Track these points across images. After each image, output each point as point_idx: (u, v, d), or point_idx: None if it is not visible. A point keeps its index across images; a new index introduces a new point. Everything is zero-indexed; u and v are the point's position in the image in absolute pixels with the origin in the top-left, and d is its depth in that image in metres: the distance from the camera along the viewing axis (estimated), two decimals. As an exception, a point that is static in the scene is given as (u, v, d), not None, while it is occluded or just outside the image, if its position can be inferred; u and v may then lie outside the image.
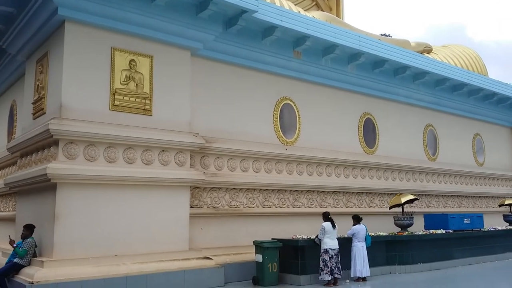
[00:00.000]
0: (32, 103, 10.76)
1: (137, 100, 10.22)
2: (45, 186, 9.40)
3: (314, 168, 13.78)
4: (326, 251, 10.45)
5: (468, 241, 14.41)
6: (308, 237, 11.14)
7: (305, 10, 18.35)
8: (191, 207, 10.93)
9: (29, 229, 9.39)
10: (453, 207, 18.22)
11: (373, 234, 12.28)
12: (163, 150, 10.44)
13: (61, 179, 8.99)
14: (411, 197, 14.13)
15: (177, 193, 10.52)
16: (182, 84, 11.02)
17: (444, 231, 13.76)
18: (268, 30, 12.30)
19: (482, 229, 15.24)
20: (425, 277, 11.95)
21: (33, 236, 9.36)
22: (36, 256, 9.29)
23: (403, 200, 13.90)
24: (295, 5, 17.68)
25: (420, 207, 16.48)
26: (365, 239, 11.29)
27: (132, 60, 10.26)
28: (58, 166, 8.95)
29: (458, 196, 18.68)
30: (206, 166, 11.52)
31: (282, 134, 13.24)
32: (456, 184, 18.67)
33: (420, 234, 13.20)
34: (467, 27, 64.23)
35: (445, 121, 18.62)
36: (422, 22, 64.94)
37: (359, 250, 11.12)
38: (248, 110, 12.58)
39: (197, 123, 11.38)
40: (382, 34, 22.02)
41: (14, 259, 9.09)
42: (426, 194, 17.15)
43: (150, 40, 10.56)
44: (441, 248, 13.47)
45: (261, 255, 10.42)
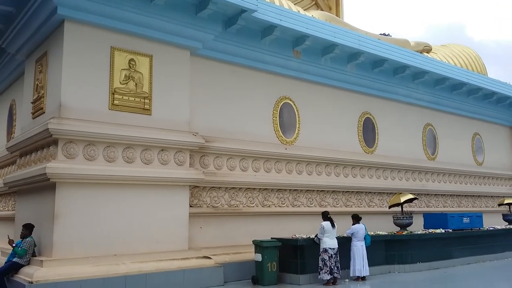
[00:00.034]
0: (31, 103, 10.75)
1: (136, 99, 10.22)
2: (44, 186, 9.40)
3: (313, 167, 13.79)
4: (325, 251, 10.45)
5: (467, 240, 14.41)
6: (307, 236, 11.14)
7: (304, 10, 18.33)
8: (191, 207, 10.94)
9: (28, 228, 9.39)
10: (452, 207, 18.24)
11: (372, 233, 12.29)
12: (163, 150, 10.44)
13: (60, 179, 9.00)
14: (411, 196, 14.14)
15: (176, 192, 10.52)
16: (182, 83, 11.02)
17: (443, 231, 13.76)
18: (267, 29, 12.30)
19: (481, 228, 15.25)
20: (424, 276, 11.96)
21: (32, 235, 9.37)
22: (35, 255, 9.29)
23: (403, 199, 13.90)
24: (295, 4, 17.66)
25: (419, 207, 16.49)
26: (364, 239, 11.29)
27: (131, 59, 10.26)
28: (57, 165, 8.95)
29: (457, 195, 18.70)
30: (206, 165, 11.53)
31: (281, 134, 13.24)
32: (455, 183, 18.68)
33: (419, 233, 13.20)
34: (467, 27, 64.32)
35: (444, 120, 18.63)
36: (421, 21, 65.03)
37: (359, 250, 11.13)
38: (247, 109, 12.58)
39: (196, 123, 11.39)
40: (381, 34, 22.04)
41: (14, 259, 9.10)
42: (425, 194, 17.17)
43: (149, 39, 10.56)
44: (440, 247, 13.48)
45: (260, 255, 10.42)
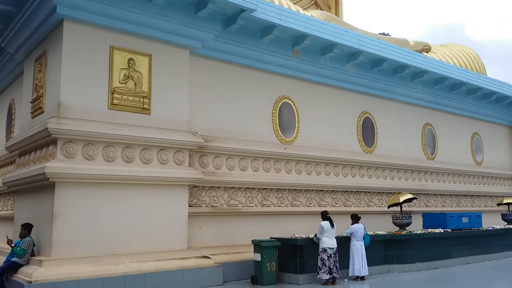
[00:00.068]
0: (30, 102, 10.74)
1: (135, 99, 10.21)
2: (43, 185, 9.39)
3: (312, 167, 13.79)
4: (324, 250, 10.46)
5: (466, 240, 14.43)
6: (306, 236, 11.14)
7: (304, 9, 18.33)
8: (190, 206, 10.93)
9: (27, 228, 9.39)
10: (451, 206, 18.25)
11: (371, 233, 12.30)
12: (162, 149, 10.44)
13: (59, 178, 8.99)
14: (410, 196, 14.15)
15: (175, 192, 10.52)
16: (181, 83, 11.01)
17: (442, 230, 13.77)
18: (267, 29, 12.30)
19: (480, 228, 15.27)
20: (423, 276, 11.97)
21: (31, 235, 9.36)
22: (34, 255, 9.28)
23: (402, 199, 13.91)
24: (294, 4, 17.65)
25: (418, 206, 16.50)
26: (363, 238, 11.30)
27: (130, 59, 10.24)
28: (56, 165, 8.94)
29: (456, 195, 18.71)
30: (205, 165, 11.52)
31: (281, 133, 13.24)
32: (454, 183, 18.69)
33: (418, 233, 13.21)
34: (466, 26, 64.28)
35: (443, 120, 18.63)
36: (421, 21, 64.99)
37: (358, 249, 11.14)
38: (247, 109, 12.57)
39: (195, 122, 11.38)
40: (381, 33, 22.01)
41: (13, 258, 9.09)
42: (424, 193, 17.17)
43: (148, 39, 10.55)
44: (439, 247, 13.49)
45: (259, 254, 10.42)
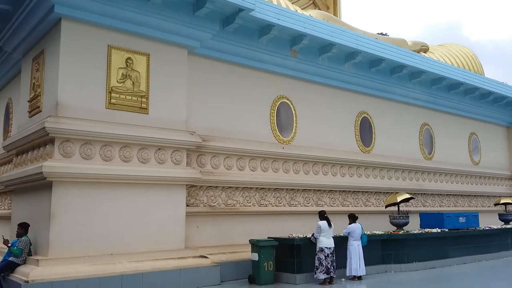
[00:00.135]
0: (28, 101, 10.72)
1: (133, 98, 10.20)
2: (41, 185, 9.38)
3: (310, 167, 13.80)
4: (321, 250, 10.47)
5: (463, 240, 14.46)
6: (304, 235, 11.15)
7: (302, 9, 18.35)
8: (188, 206, 10.93)
9: (23, 227, 9.37)
10: (448, 206, 18.29)
11: (368, 233, 12.32)
12: (160, 149, 10.43)
13: (57, 178, 8.97)
14: (407, 196, 14.18)
15: (173, 191, 10.51)
16: (179, 82, 11.00)
17: (439, 230, 13.79)
18: (265, 28, 12.29)
19: (477, 228, 15.29)
20: (420, 276, 11.99)
21: (28, 234, 9.34)
22: (31, 254, 9.27)
23: (399, 199, 13.94)
24: (292, 3, 17.66)
25: (415, 206, 16.52)
26: (360, 238, 11.32)
27: (128, 58, 10.23)
28: (54, 164, 8.93)
29: (453, 195, 18.75)
30: (203, 164, 11.52)
31: (278, 133, 13.24)
32: (451, 183, 18.73)
33: (415, 233, 13.23)
34: (464, 26, 64.39)
35: (441, 120, 18.67)
36: (419, 21, 65.08)
37: (355, 249, 11.15)
38: (245, 108, 12.57)
39: (193, 122, 11.38)
40: (379, 33, 22.08)
41: (9, 258, 9.07)
42: (422, 193, 17.20)
43: (146, 38, 10.53)
44: (436, 247, 13.52)
45: (257, 254, 10.43)
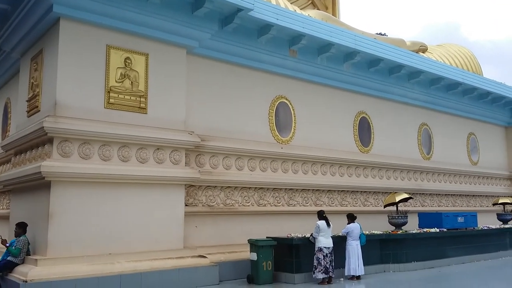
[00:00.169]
0: (26, 101, 10.70)
1: (132, 98, 10.20)
2: (39, 184, 9.37)
3: (309, 166, 13.81)
4: (320, 250, 10.48)
5: (462, 239, 14.48)
6: (302, 235, 11.15)
7: (301, 9, 18.37)
8: (186, 206, 10.94)
9: (21, 227, 9.37)
10: (447, 206, 18.31)
11: (367, 232, 12.33)
12: (158, 148, 10.43)
13: (55, 177, 8.97)
14: (406, 195, 14.19)
15: (172, 191, 10.51)
16: (178, 82, 11.00)
17: (438, 230, 13.81)
18: (264, 28, 12.30)
19: (475, 228, 15.32)
20: (419, 275, 12.00)
21: (26, 233, 9.34)
22: (29, 254, 9.27)
23: (398, 198, 13.95)
24: (291, 3, 17.67)
25: (414, 206, 16.53)
26: (359, 238, 11.33)
27: (127, 58, 10.23)
28: (52, 164, 8.93)
29: (452, 195, 18.77)
30: (201, 164, 11.52)
31: (277, 133, 13.25)
32: (450, 183, 18.75)
33: (414, 232, 13.25)
34: (463, 26, 64.46)
35: (439, 120, 18.69)
36: (417, 21, 65.13)
37: (354, 249, 11.16)
38: (243, 108, 12.58)
39: (192, 122, 11.38)
40: (377, 33, 22.09)
41: (8, 257, 9.07)
42: (420, 193, 17.22)
43: (145, 38, 10.53)
44: (435, 246, 13.53)
45: (255, 254, 10.43)
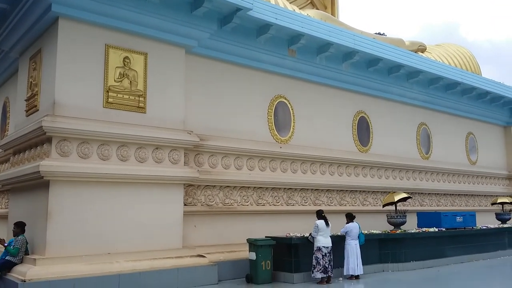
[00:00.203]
0: (25, 100, 10.69)
1: (131, 97, 10.19)
2: (38, 184, 9.36)
3: (308, 166, 13.81)
4: (319, 249, 10.48)
5: (460, 239, 14.50)
6: (301, 235, 11.15)
7: (300, 9, 18.37)
8: (185, 205, 10.93)
9: (19, 226, 9.36)
10: (446, 206, 18.33)
11: (366, 232, 12.34)
12: (157, 148, 10.42)
13: (54, 177, 8.96)
14: (404, 195, 14.19)
15: (170, 190, 10.51)
16: (177, 81, 11.00)
17: (436, 229, 13.82)
18: (263, 28, 12.30)
19: (474, 227, 15.34)
20: (418, 275, 12.02)
21: (24, 232, 9.33)
22: (28, 253, 9.26)
23: (396, 198, 13.95)
24: (290, 3, 17.67)
25: (413, 205, 16.55)
26: (358, 237, 11.34)
27: (126, 57, 10.22)
28: (51, 163, 8.91)
29: (451, 194, 18.79)
30: (200, 164, 11.52)
31: (276, 132, 13.25)
32: (449, 182, 18.77)
33: (413, 232, 13.26)
34: (461, 26, 64.48)
35: (438, 119, 18.71)
36: (416, 21, 65.11)
37: (352, 248, 11.16)
38: (242, 108, 12.57)
39: (191, 121, 11.37)
40: (376, 33, 22.11)
41: (6, 257, 9.06)
42: (419, 192, 17.23)
43: (144, 37, 10.52)
44: (433, 246, 13.54)
45: (254, 253, 10.43)
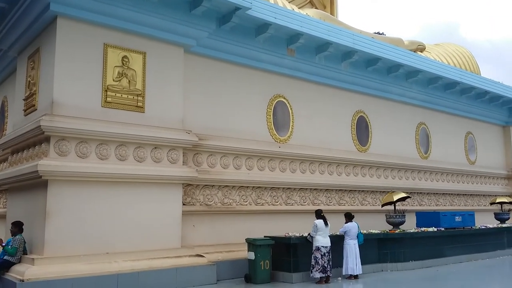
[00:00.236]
0: (23, 99, 10.66)
1: (129, 97, 10.17)
2: (36, 183, 9.34)
3: (307, 165, 13.80)
4: (318, 249, 10.47)
5: (459, 239, 14.50)
6: (300, 234, 11.14)
7: (299, 8, 18.34)
8: (184, 205, 10.91)
9: (17, 226, 9.33)
10: (445, 205, 18.34)
11: (365, 231, 12.34)
12: (156, 147, 10.40)
13: (52, 176, 8.94)
14: (403, 195, 14.20)
15: (169, 190, 10.49)
16: (175, 81, 10.98)
17: (435, 229, 13.82)
18: (261, 27, 12.28)
19: (473, 227, 15.35)
20: (417, 274, 12.01)
21: (22, 232, 9.30)
22: (26, 253, 9.23)
23: (395, 198, 13.96)
24: (289, 2, 17.64)
25: (412, 205, 16.55)
26: (357, 237, 11.33)
27: (124, 56, 10.20)
28: (49, 163, 8.89)
29: (450, 194, 18.79)
30: (199, 163, 11.50)
31: (275, 132, 13.23)
32: (448, 182, 18.77)
33: (412, 232, 13.26)
34: (461, 26, 64.50)
35: (437, 119, 18.71)
36: (415, 20, 65.12)
37: (351, 248, 11.16)
38: (241, 107, 12.56)
39: (190, 120, 11.35)
40: (375, 32, 22.06)
41: (4, 257, 9.04)
42: (418, 192, 17.24)
43: (143, 36, 10.50)
44: (432, 246, 13.54)
45: (253, 253, 10.42)
